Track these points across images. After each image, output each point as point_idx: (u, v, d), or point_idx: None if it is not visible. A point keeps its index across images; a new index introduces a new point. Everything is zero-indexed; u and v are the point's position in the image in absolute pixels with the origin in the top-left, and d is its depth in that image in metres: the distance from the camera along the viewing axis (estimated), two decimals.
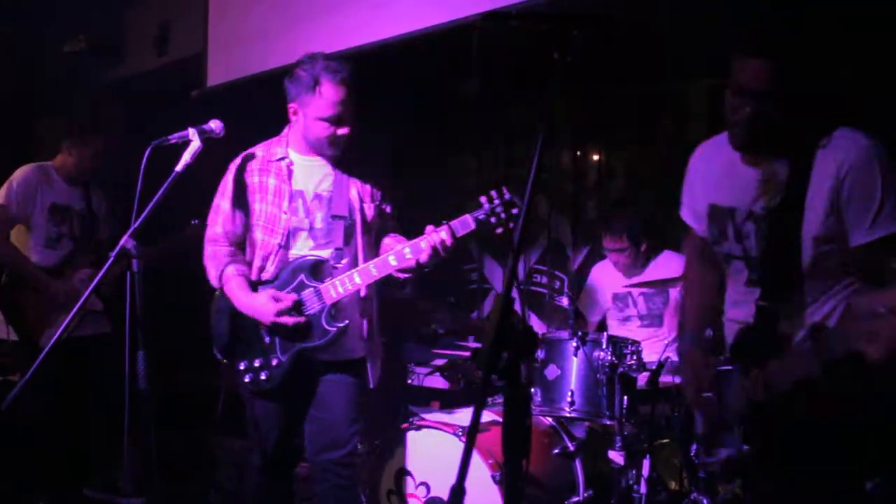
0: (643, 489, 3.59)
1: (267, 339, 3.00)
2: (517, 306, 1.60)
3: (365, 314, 3.07)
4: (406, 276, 2.90)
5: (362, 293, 3.03)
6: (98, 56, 6.02)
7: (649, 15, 4.03)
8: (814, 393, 2.12)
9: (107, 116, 4.72)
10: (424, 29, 4.08)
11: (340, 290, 2.91)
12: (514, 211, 2.71)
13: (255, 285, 3.04)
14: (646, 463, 3.63)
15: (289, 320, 2.90)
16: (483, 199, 2.76)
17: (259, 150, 3.10)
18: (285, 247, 3.02)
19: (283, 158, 3.04)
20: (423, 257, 2.78)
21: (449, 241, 2.77)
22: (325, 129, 2.92)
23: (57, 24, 5.90)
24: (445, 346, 4.65)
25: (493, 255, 5.93)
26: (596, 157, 5.64)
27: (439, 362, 4.43)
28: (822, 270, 2.26)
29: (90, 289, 2.83)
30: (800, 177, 2.23)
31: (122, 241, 2.68)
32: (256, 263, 3.06)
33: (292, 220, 3.01)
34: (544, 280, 5.69)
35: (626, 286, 4.43)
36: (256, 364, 3.01)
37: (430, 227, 2.82)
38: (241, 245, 3.13)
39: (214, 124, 2.87)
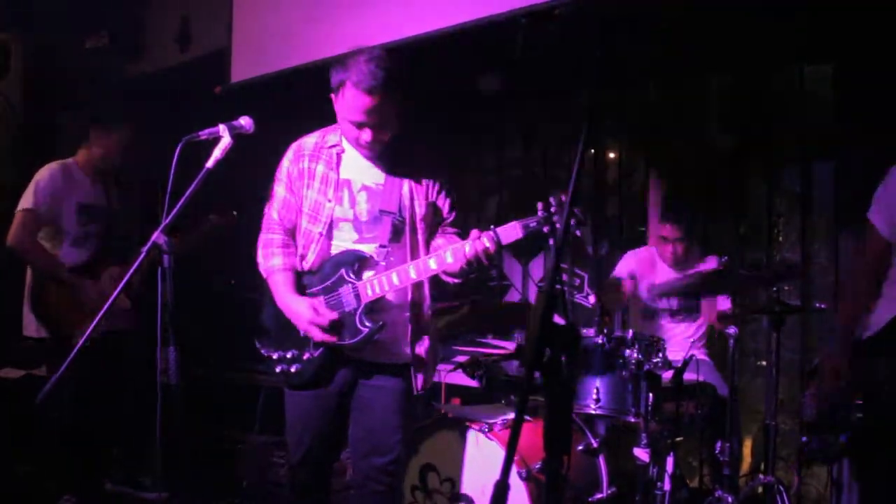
0: (667, 486, 3.59)
1: (302, 333, 2.94)
2: (562, 301, 1.60)
3: (416, 315, 2.95)
4: (453, 280, 2.81)
5: (408, 296, 2.93)
6: (120, 52, 6.03)
7: (671, 11, 4.03)
8: None
9: (129, 110, 4.72)
10: (451, 26, 4.08)
11: (377, 289, 2.82)
12: (573, 222, 2.40)
13: (300, 276, 3.00)
14: (670, 460, 3.64)
15: (318, 335, 2.86)
16: (540, 205, 2.55)
17: (315, 135, 3.04)
18: (328, 236, 2.95)
19: (334, 146, 2.97)
20: (465, 263, 2.66)
21: (492, 249, 2.64)
22: (350, 131, 2.85)
23: (79, 20, 5.92)
24: (467, 343, 4.64)
25: (513, 253, 5.93)
26: (612, 156, 5.64)
27: (461, 359, 4.42)
28: None
29: (121, 285, 2.84)
30: None
31: (153, 237, 2.69)
32: (300, 252, 3.02)
33: (336, 209, 2.93)
34: (564, 278, 5.70)
35: (672, 279, 4.40)
36: (289, 356, 2.97)
37: (475, 232, 2.69)
38: (294, 233, 3.06)
39: (245, 120, 2.84)
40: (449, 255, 2.70)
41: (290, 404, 3.05)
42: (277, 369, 3.00)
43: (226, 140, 2.80)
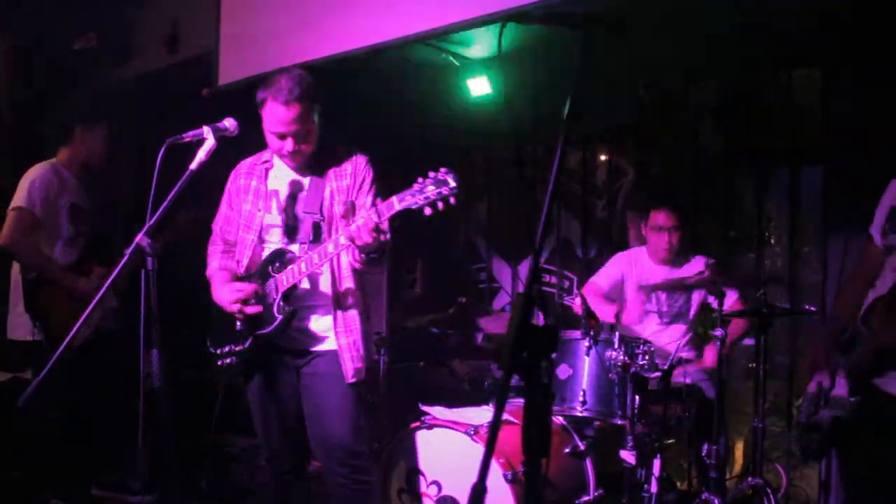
0: (654, 489, 3.59)
1: (238, 327, 3.15)
2: (542, 304, 1.60)
3: (340, 305, 3.09)
4: (362, 257, 2.95)
5: (330, 288, 3.09)
6: (108, 54, 6.01)
7: (659, 16, 4.04)
8: None
9: (112, 108, 4.71)
10: (437, 28, 4.08)
11: (291, 278, 3.01)
12: (445, 190, 2.60)
13: (237, 279, 3.22)
14: (656, 462, 3.63)
15: (246, 308, 3.06)
16: (419, 178, 2.69)
17: (254, 157, 3.31)
18: (259, 241, 3.19)
19: (265, 162, 3.24)
20: (361, 240, 2.78)
21: (383, 224, 2.76)
22: (274, 142, 3.07)
23: (66, 22, 5.90)
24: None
25: (502, 255, 5.94)
26: (604, 158, 5.65)
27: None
28: None
29: (105, 286, 2.84)
30: None
31: (136, 239, 2.68)
32: (237, 258, 3.26)
33: (266, 217, 3.17)
34: (553, 280, 5.70)
35: (659, 280, 4.36)
36: (226, 350, 3.19)
37: (360, 211, 2.93)
38: (235, 243, 3.31)
39: (229, 123, 2.90)
40: (342, 237, 2.87)
41: (249, 401, 3.25)
42: (219, 363, 3.22)
43: (210, 142, 2.83)
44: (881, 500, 2.78)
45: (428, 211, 2.65)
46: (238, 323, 3.14)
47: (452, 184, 2.60)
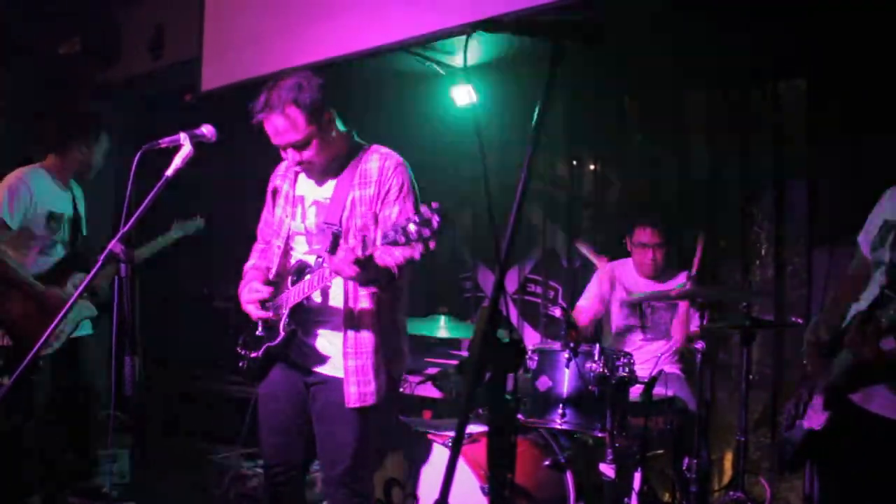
0: (634, 502, 3.56)
1: (258, 333, 3.08)
2: (506, 318, 1.57)
3: (351, 324, 2.93)
4: (365, 288, 2.88)
5: (342, 308, 2.94)
6: (92, 58, 5.99)
7: (647, 23, 4.04)
8: None
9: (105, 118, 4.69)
10: (419, 36, 4.07)
11: (298, 295, 2.92)
12: (426, 232, 2.43)
13: (269, 283, 3.10)
14: (637, 476, 3.61)
15: (254, 312, 3.00)
16: (408, 213, 2.59)
17: None
18: (286, 248, 3.10)
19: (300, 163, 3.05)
20: (345, 274, 2.69)
21: (360, 254, 2.62)
22: (283, 154, 2.97)
23: (51, 26, 5.88)
24: (438, 356, 4.63)
25: (487, 264, 5.91)
26: (592, 167, 5.62)
27: (431, 371, 4.40)
28: None
29: (77, 293, 2.81)
30: None
31: (109, 246, 2.66)
32: (267, 263, 3.18)
33: (292, 224, 3.07)
34: (538, 290, 5.68)
35: (643, 293, 4.35)
36: (243, 353, 3.13)
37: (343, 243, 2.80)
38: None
39: (206, 129, 2.85)
40: (327, 270, 2.79)
41: (258, 407, 3.15)
42: (240, 364, 3.15)
43: (186, 148, 2.80)
44: None
45: (408, 253, 2.59)
46: (259, 328, 3.08)
47: (434, 225, 2.43)
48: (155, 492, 4.75)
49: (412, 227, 2.43)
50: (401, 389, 4.66)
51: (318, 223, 3.00)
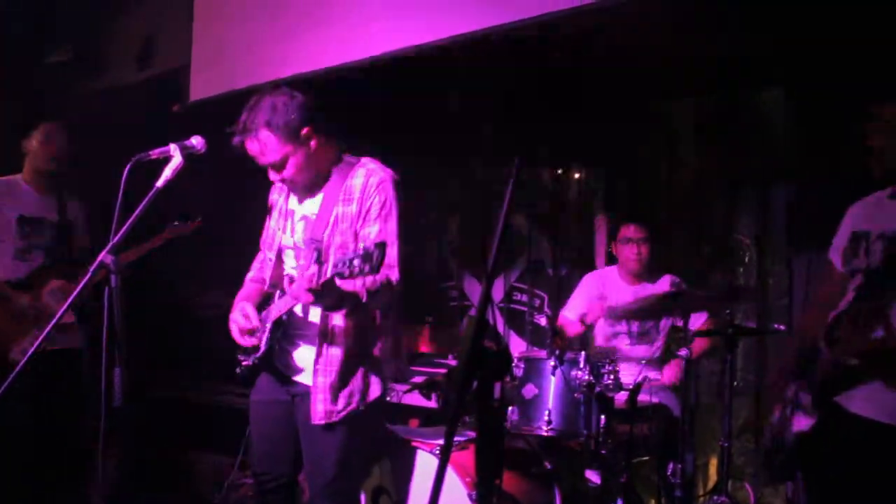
0: None
1: (253, 343, 3.08)
2: (500, 328, 1.61)
3: (326, 339, 2.93)
4: (330, 310, 2.89)
5: (318, 324, 2.95)
6: (80, 68, 5.99)
7: (634, 34, 4.08)
8: None
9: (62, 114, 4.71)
10: (410, 48, 4.11)
11: (277, 311, 2.96)
12: (367, 268, 2.46)
13: (267, 294, 3.14)
14: (623, 481, 3.65)
15: (237, 338, 3.02)
16: (352, 247, 2.72)
17: None
18: (278, 262, 3.13)
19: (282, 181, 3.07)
20: (302, 300, 2.75)
21: (315, 284, 2.64)
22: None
23: (38, 35, 5.88)
24: (424, 364, 4.65)
25: (473, 273, 5.95)
26: (577, 176, 5.68)
27: (418, 380, 4.42)
28: None
29: (67, 303, 2.82)
30: None
31: (100, 257, 2.67)
32: (262, 276, 3.22)
33: (283, 237, 3.10)
34: (524, 298, 5.72)
35: (625, 300, 4.37)
36: (240, 359, 3.13)
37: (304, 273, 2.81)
38: None
39: (196, 140, 2.85)
40: (288, 296, 2.85)
41: (250, 415, 3.17)
42: (237, 370, 3.15)
43: (177, 160, 2.81)
44: None
45: (350, 286, 2.63)
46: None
47: (374, 261, 2.46)
48: (144, 502, 4.75)
49: (356, 262, 2.48)
50: (387, 398, 4.71)
51: (305, 238, 3.01)
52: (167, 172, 2.79)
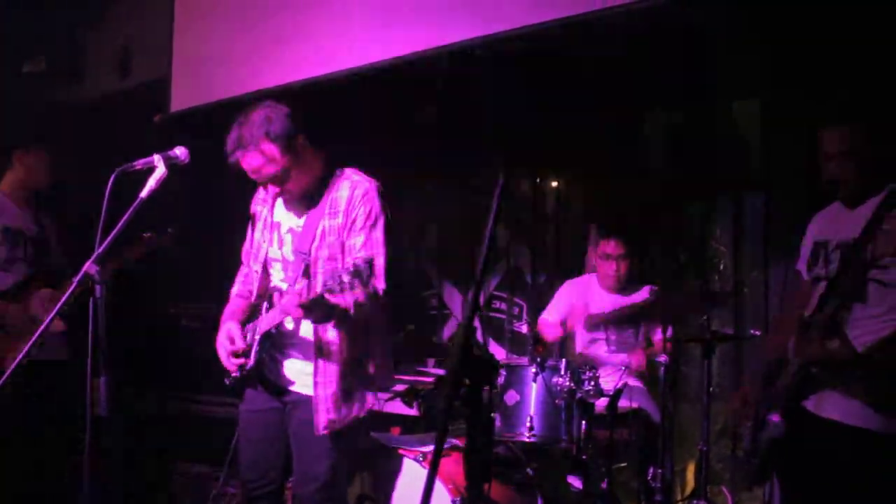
0: None
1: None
2: (479, 335, 1.64)
3: (321, 354, 2.97)
4: (319, 323, 2.92)
5: (313, 335, 2.98)
6: (57, 77, 5.96)
7: (608, 47, 4.14)
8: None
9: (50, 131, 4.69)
10: (390, 59, 4.14)
11: (266, 324, 2.97)
12: (356, 283, 2.52)
13: (253, 306, 3.16)
14: (604, 486, 3.69)
15: (224, 360, 3.04)
16: (346, 261, 2.75)
17: None
18: (265, 274, 3.14)
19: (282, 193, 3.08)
20: (294, 315, 2.81)
21: (305, 299, 2.74)
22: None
23: (14, 44, 5.85)
24: (405, 372, 4.67)
25: (452, 281, 5.97)
26: (554, 185, 5.72)
27: (399, 388, 4.43)
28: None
29: (53, 313, 2.82)
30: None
31: (84, 267, 2.68)
32: (249, 287, 3.24)
33: (270, 250, 3.11)
34: (503, 307, 5.76)
35: (604, 310, 4.42)
36: (229, 369, 3.12)
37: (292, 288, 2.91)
38: None
39: (180, 151, 2.86)
40: (278, 308, 2.87)
41: (239, 424, 3.20)
42: (226, 381, 3.15)
43: (160, 170, 2.82)
44: None
45: (341, 301, 2.66)
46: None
47: (364, 278, 2.51)
48: None
49: (345, 278, 2.51)
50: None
51: (294, 251, 3.03)
52: (151, 183, 2.80)
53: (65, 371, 4.29)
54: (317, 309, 2.74)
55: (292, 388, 3.04)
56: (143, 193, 2.78)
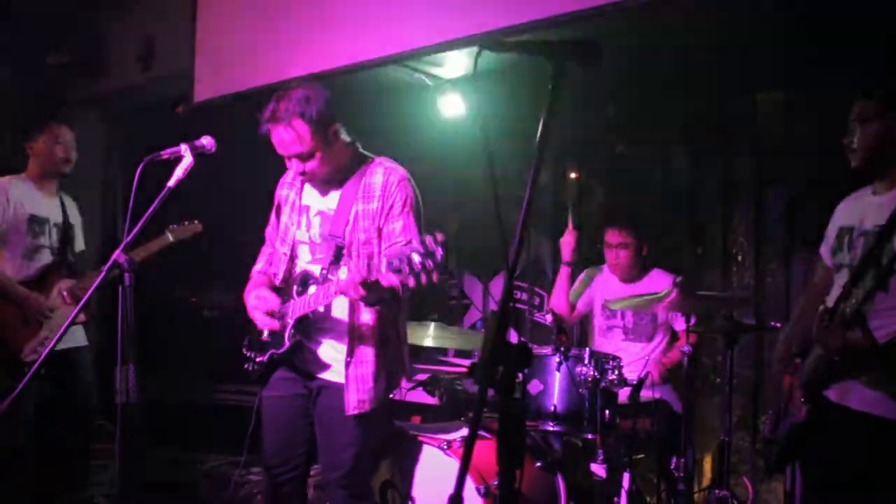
0: (623, 502, 3.65)
1: (264, 339, 3.11)
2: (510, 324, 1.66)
3: (355, 335, 2.99)
4: (367, 307, 2.92)
5: (346, 319, 2.99)
6: (81, 70, 6.00)
7: (635, 38, 4.13)
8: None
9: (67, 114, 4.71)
10: (412, 50, 4.14)
11: (303, 307, 2.97)
12: (430, 263, 2.45)
13: (275, 290, 3.14)
14: (626, 476, 3.70)
15: (261, 321, 3.03)
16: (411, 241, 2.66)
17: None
18: (292, 257, 3.13)
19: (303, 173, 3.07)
20: (350, 295, 2.76)
21: (365, 277, 2.67)
22: (288, 164, 3.01)
23: (38, 37, 5.89)
24: (428, 361, 4.69)
25: (473, 271, 5.99)
26: (574, 175, 5.72)
27: (422, 377, 4.46)
28: None
29: (82, 302, 2.86)
30: None
31: (114, 256, 2.71)
32: (273, 270, 3.21)
33: (297, 232, 3.11)
34: (524, 296, 5.77)
35: (619, 297, 4.43)
36: (251, 355, 3.16)
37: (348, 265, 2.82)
38: None
39: (206, 140, 2.91)
40: (332, 287, 2.83)
41: (262, 409, 3.18)
42: (245, 366, 3.18)
43: (187, 160, 2.86)
44: None
45: (411, 282, 2.53)
46: (265, 334, 3.10)
47: (437, 258, 2.45)
48: (147, 502, 4.78)
49: (416, 258, 2.46)
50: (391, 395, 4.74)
51: (322, 233, 3.04)
52: (178, 172, 2.85)
53: (85, 359, 4.33)
54: (375, 290, 2.72)
55: (323, 374, 3.04)
56: (171, 182, 2.83)
